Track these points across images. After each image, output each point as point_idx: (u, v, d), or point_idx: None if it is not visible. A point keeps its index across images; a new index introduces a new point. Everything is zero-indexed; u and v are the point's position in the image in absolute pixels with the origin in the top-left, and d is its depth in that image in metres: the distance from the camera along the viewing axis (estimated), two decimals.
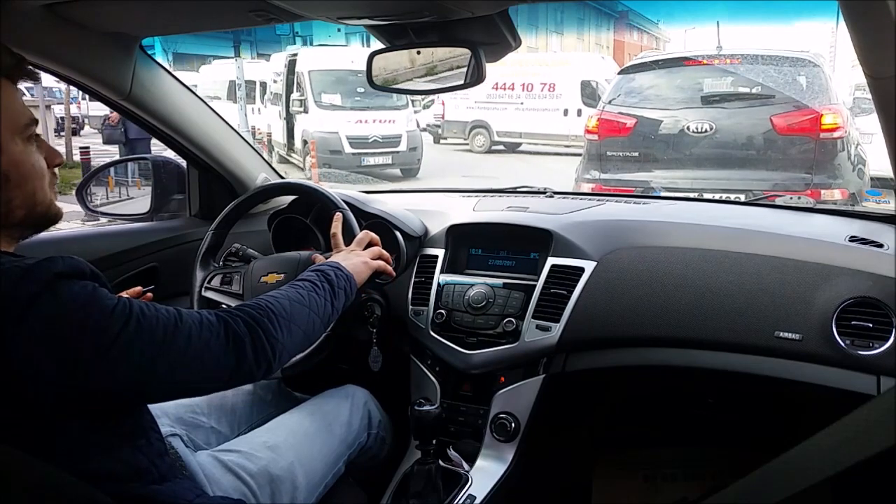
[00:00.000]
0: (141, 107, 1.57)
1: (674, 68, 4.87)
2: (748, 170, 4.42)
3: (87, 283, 0.82)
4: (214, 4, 1.27)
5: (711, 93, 4.64)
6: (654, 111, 4.74)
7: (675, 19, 23.18)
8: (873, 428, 0.60)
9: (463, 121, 13.01)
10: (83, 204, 1.85)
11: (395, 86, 1.40)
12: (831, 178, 4.25)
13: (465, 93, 12.74)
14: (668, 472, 1.78)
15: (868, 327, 1.20)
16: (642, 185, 4.64)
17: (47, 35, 1.28)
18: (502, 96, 12.45)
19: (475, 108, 12.69)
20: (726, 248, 1.39)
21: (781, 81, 4.43)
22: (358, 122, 10.22)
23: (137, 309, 0.83)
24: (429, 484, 1.31)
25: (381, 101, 10.36)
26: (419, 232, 1.64)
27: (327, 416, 1.38)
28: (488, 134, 12.72)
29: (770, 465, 0.66)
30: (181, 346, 0.86)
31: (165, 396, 0.93)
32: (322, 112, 10.23)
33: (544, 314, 1.43)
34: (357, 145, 10.06)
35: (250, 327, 0.94)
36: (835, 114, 4.30)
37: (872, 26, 0.73)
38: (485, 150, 12.64)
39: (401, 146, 10.32)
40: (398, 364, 1.60)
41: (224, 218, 1.57)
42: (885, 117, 0.86)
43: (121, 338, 0.80)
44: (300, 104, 10.43)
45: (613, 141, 4.87)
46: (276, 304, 1.00)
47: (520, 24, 1.26)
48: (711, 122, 4.50)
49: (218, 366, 0.90)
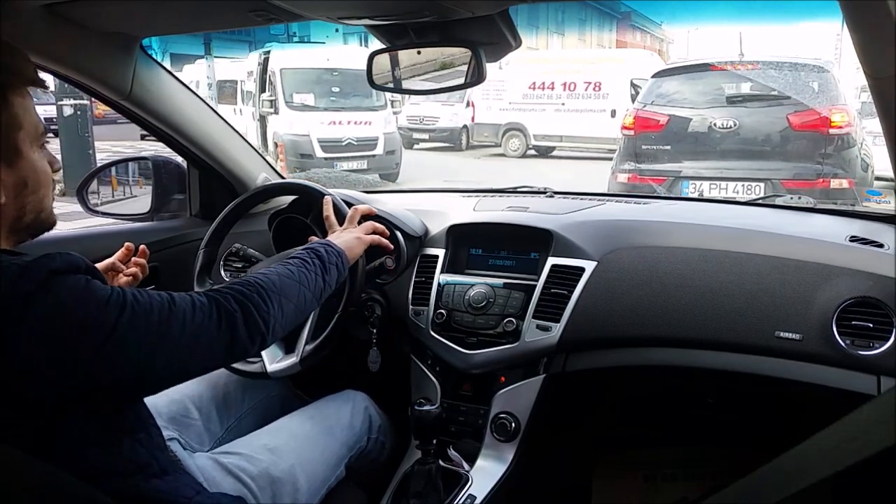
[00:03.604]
0: (141, 107, 1.57)
1: (701, 72, 5.48)
2: (766, 161, 4.95)
3: (81, 276, 0.82)
4: (214, 4, 1.27)
5: (734, 94, 5.21)
6: (683, 109, 5.29)
7: (679, 20, 23.13)
8: (873, 428, 0.60)
9: (495, 123, 12.34)
10: (83, 204, 1.85)
11: (394, 85, 1.40)
12: (839, 169, 4.75)
13: (498, 93, 12.26)
14: (668, 472, 1.78)
15: (868, 327, 1.20)
16: (673, 175, 5.14)
17: (47, 35, 1.28)
18: (540, 96, 11.83)
19: (510, 109, 12.14)
20: (727, 248, 1.39)
21: (796, 85, 5.00)
22: (331, 123, 9.56)
23: (131, 297, 0.84)
24: (429, 484, 1.31)
25: (357, 102, 9.83)
26: (419, 232, 1.64)
27: (328, 419, 1.38)
28: (524, 137, 12.04)
29: (770, 465, 0.66)
30: (176, 332, 0.86)
31: (165, 383, 0.92)
32: (293, 113, 9.58)
33: (544, 314, 1.43)
34: (329, 149, 9.39)
35: (241, 304, 0.95)
36: (842, 113, 4.82)
37: (872, 26, 0.73)
38: (520, 155, 11.97)
39: (377, 149, 9.67)
40: (398, 364, 1.61)
41: (215, 230, 1.56)
42: (885, 117, 0.86)
43: (117, 329, 0.81)
44: (270, 104, 9.79)
45: (647, 136, 5.38)
46: (266, 279, 1.02)
47: (520, 24, 1.27)
48: (735, 120, 5.02)
49: (212, 346, 0.91)
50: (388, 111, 10.15)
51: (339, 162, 9.34)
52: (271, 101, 9.76)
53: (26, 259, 0.80)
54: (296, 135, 9.39)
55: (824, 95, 4.91)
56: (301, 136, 9.39)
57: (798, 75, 5.05)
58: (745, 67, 5.21)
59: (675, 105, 5.35)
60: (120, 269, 1.28)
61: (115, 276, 1.28)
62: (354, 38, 14.60)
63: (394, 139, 10.03)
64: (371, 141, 9.63)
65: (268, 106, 9.84)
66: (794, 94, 4.94)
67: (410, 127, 13.31)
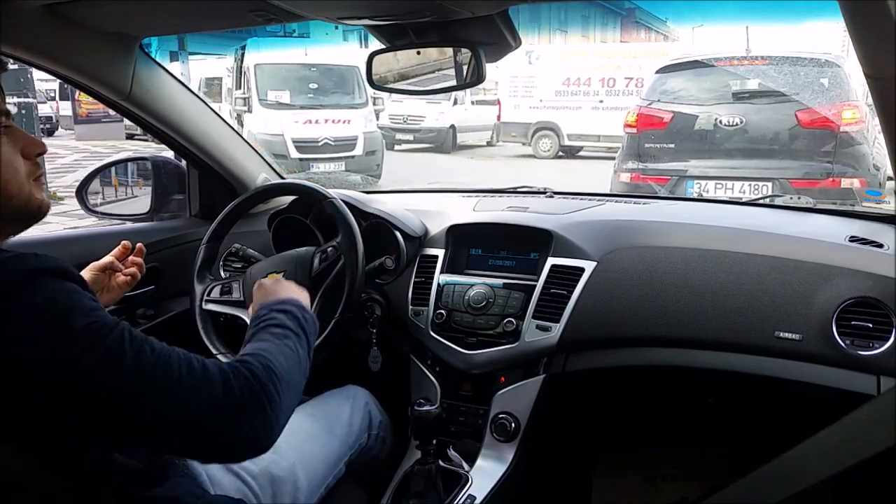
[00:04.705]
0: (141, 107, 1.57)
1: (707, 68, 5.30)
2: (774, 160, 4.81)
3: (67, 283, 0.76)
4: (214, 4, 1.27)
5: (741, 90, 5.04)
6: (688, 106, 5.16)
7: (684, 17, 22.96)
8: (873, 428, 0.60)
9: (524, 122, 11.45)
10: (83, 204, 1.85)
11: (394, 85, 1.40)
12: (850, 168, 4.60)
13: (528, 90, 11.48)
14: (668, 472, 1.78)
15: (868, 327, 1.20)
16: (678, 174, 5.01)
17: (47, 35, 1.28)
18: (576, 93, 10.97)
19: (541, 107, 11.31)
20: (726, 248, 1.39)
21: (805, 81, 4.84)
22: (307, 122, 8.92)
23: (128, 334, 0.76)
24: (429, 484, 1.31)
25: (337, 99, 9.25)
26: (419, 232, 1.64)
27: (328, 417, 1.38)
28: (557, 137, 11.13)
29: (770, 465, 0.66)
30: (173, 382, 0.76)
31: (140, 438, 0.80)
32: (267, 111, 8.91)
33: (544, 314, 1.43)
34: (305, 149, 8.72)
35: (253, 391, 0.80)
36: (854, 109, 4.65)
37: (872, 26, 0.73)
38: (552, 156, 11.07)
39: (356, 150, 9.03)
40: (398, 364, 1.61)
41: (216, 228, 1.56)
42: (885, 117, 0.86)
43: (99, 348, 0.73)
44: (244, 102, 9.07)
45: (651, 134, 5.25)
46: (276, 363, 0.86)
47: (522, 21, 1.26)
48: (742, 117, 4.88)
49: (206, 422, 0.77)
50: (368, 109, 9.53)
51: (315, 163, 8.76)
52: (245, 99, 9.12)
53: (5, 255, 0.76)
54: (269, 134, 8.68)
55: (835, 91, 4.74)
56: (275, 135, 8.71)
57: (807, 71, 4.88)
58: (752, 63, 5.09)
59: (680, 102, 5.21)
60: (118, 268, 1.27)
61: (114, 276, 1.27)
62: (354, 37, 14.55)
63: (375, 139, 9.45)
64: (350, 141, 9.06)
65: (241, 104, 9.19)
66: (804, 91, 4.79)
67: (393, 127, 12.51)
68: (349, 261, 1.40)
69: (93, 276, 1.24)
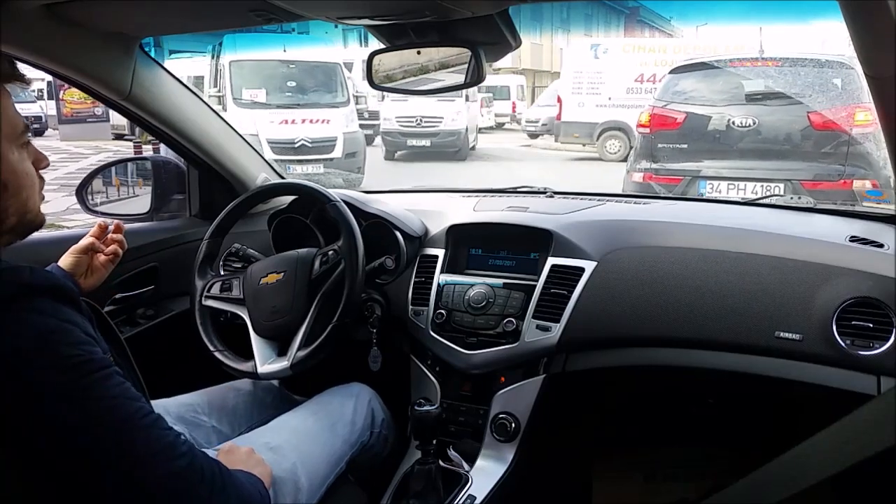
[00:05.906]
0: (141, 107, 1.57)
1: (719, 69, 5.31)
2: (787, 161, 4.82)
3: (60, 306, 0.77)
4: (214, 4, 1.26)
5: (754, 91, 5.05)
6: (701, 107, 5.18)
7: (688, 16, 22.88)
8: (873, 428, 0.60)
9: (590, 122, 10.57)
10: (83, 204, 1.84)
11: (394, 85, 1.40)
12: (863, 169, 4.59)
13: (594, 87, 10.73)
14: (668, 472, 1.78)
15: (868, 327, 1.20)
16: (690, 174, 5.03)
17: (47, 35, 1.28)
18: (650, 91, 9.85)
19: (608, 106, 10.56)
20: (726, 248, 1.39)
21: (818, 82, 4.84)
22: (283, 122, 8.45)
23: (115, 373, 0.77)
24: (429, 484, 1.31)
25: (316, 98, 8.80)
26: (419, 232, 1.64)
27: (331, 416, 1.38)
28: (627, 138, 10.14)
29: (770, 465, 0.66)
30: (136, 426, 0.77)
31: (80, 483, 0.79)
32: (240, 111, 8.32)
33: (544, 314, 1.43)
34: (281, 151, 8.20)
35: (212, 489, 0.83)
36: (867, 111, 4.60)
37: (872, 26, 0.73)
38: (619, 158, 10.07)
39: (335, 152, 8.54)
40: (398, 364, 1.61)
41: (219, 224, 1.56)
42: (885, 117, 0.86)
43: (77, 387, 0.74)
44: (218, 101, 8.46)
45: (664, 134, 5.27)
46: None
47: (523, 20, 1.27)
48: (754, 118, 4.90)
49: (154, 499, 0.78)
50: (350, 108, 9.06)
51: (291, 165, 8.24)
52: (219, 98, 8.57)
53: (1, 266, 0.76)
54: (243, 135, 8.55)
55: (848, 93, 4.72)
56: (249, 136, 8.39)
57: (821, 72, 4.87)
58: (765, 64, 5.08)
59: (693, 102, 5.23)
60: (99, 248, 1.27)
61: (95, 256, 1.27)
62: (354, 36, 14.51)
63: (355, 139, 8.97)
64: (328, 142, 8.58)
65: (215, 103, 8.32)
66: (817, 92, 4.78)
67: (403, 130, 11.36)
68: (349, 265, 1.40)
69: (75, 260, 1.24)
